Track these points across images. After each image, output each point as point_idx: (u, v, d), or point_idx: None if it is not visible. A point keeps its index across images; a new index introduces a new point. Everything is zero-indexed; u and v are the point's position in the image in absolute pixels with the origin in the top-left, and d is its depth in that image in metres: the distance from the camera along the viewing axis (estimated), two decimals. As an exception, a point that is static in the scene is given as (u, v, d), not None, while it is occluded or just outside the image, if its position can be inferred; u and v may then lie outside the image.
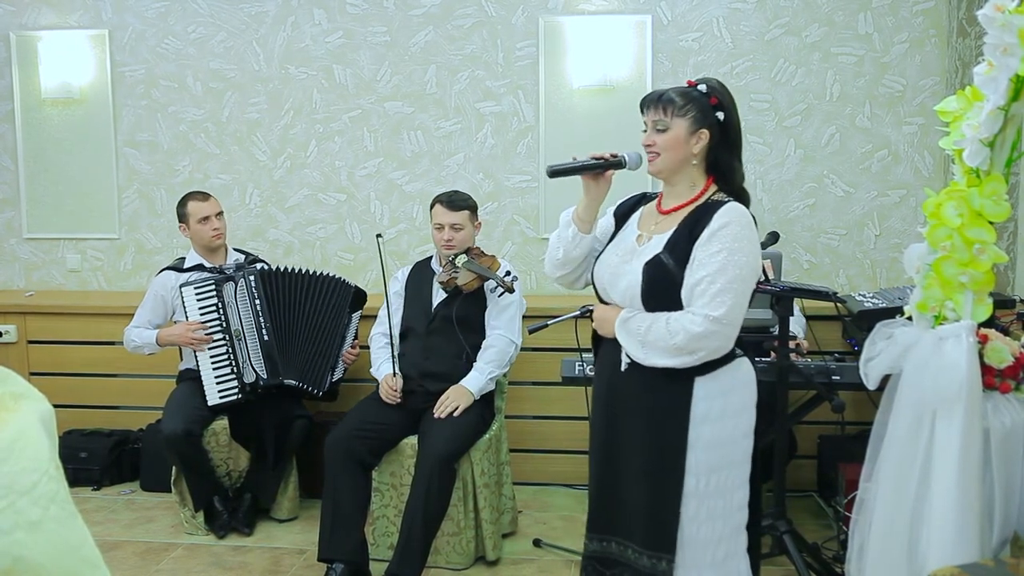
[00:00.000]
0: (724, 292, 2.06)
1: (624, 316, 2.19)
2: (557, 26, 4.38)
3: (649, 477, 2.19)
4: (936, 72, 4.22)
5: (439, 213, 3.53)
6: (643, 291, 2.16)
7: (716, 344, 2.10)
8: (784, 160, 4.33)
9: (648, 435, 2.19)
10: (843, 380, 3.10)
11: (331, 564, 3.18)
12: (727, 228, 2.12)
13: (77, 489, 4.17)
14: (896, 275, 4.27)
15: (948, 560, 1.95)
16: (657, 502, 2.18)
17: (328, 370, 3.82)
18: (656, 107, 2.21)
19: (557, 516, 3.90)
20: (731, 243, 2.10)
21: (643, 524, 2.21)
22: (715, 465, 2.16)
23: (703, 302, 2.07)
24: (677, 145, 2.20)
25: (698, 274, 2.10)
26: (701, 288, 2.08)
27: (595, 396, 2.38)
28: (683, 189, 2.25)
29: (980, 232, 2.07)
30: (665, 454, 2.16)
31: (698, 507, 2.16)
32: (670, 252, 2.15)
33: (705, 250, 2.11)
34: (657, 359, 2.12)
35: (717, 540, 2.19)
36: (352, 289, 3.86)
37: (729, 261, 2.08)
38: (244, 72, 4.58)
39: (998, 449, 2.07)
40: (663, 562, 2.16)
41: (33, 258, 4.82)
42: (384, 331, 3.56)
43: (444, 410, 3.32)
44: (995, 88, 2.03)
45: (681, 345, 2.08)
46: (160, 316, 3.88)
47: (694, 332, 2.06)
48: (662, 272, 2.15)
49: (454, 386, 3.38)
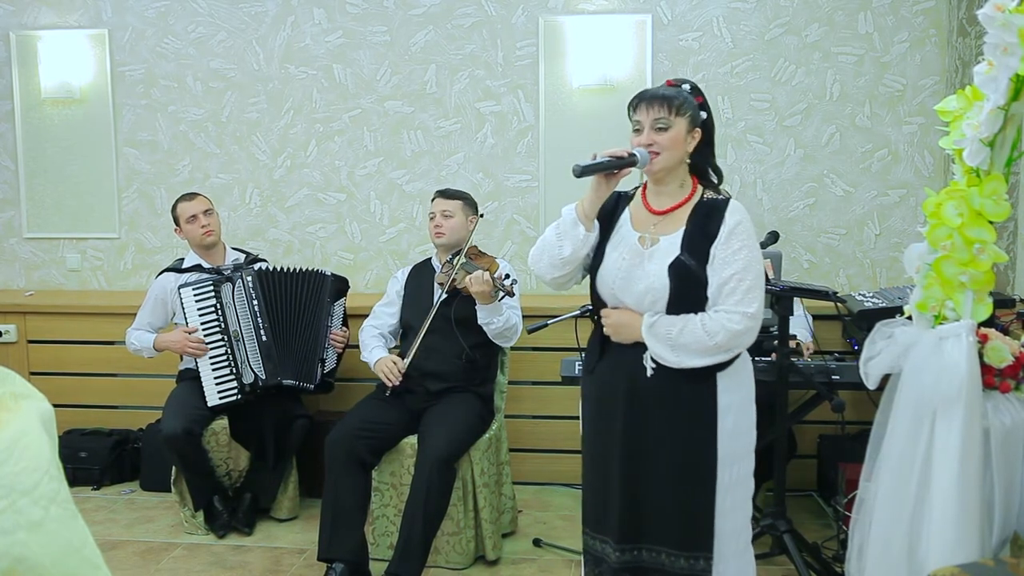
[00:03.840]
0: (753, 288, 2.14)
1: (649, 321, 2.18)
2: (557, 26, 4.38)
3: (684, 476, 2.21)
4: (936, 72, 4.22)
5: (433, 203, 3.56)
6: (671, 293, 2.17)
7: (749, 340, 2.18)
8: (784, 160, 4.33)
9: (682, 434, 2.22)
10: (843, 380, 3.11)
11: (331, 564, 3.18)
12: (742, 225, 2.18)
13: (77, 489, 4.17)
14: (896, 275, 4.27)
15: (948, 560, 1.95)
16: (693, 500, 2.21)
17: (317, 362, 3.82)
18: (659, 105, 2.21)
19: (557, 516, 3.90)
20: (748, 240, 2.17)
21: (678, 526, 2.22)
22: (737, 454, 2.23)
23: (735, 299, 2.12)
24: (677, 144, 2.21)
25: (724, 273, 2.14)
26: (731, 286, 2.13)
27: (600, 401, 2.34)
28: (674, 188, 2.26)
29: (980, 232, 2.07)
30: (700, 450, 2.20)
31: (724, 499, 2.22)
32: (690, 253, 2.18)
33: (726, 248, 2.16)
34: (690, 360, 2.16)
35: (739, 530, 2.26)
36: (329, 278, 3.86)
37: (751, 258, 2.16)
38: (244, 72, 4.58)
39: (998, 449, 2.07)
40: (700, 560, 2.20)
41: (33, 258, 4.82)
42: (375, 324, 3.62)
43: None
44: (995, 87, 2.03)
45: (722, 343, 2.13)
46: (161, 319, 3.89)
47: (735, 330, 2.12)
48: (687, 273, 2.17)
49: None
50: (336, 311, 3.89)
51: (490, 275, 3.24)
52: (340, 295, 3.91)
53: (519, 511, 3.83)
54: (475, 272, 3.26)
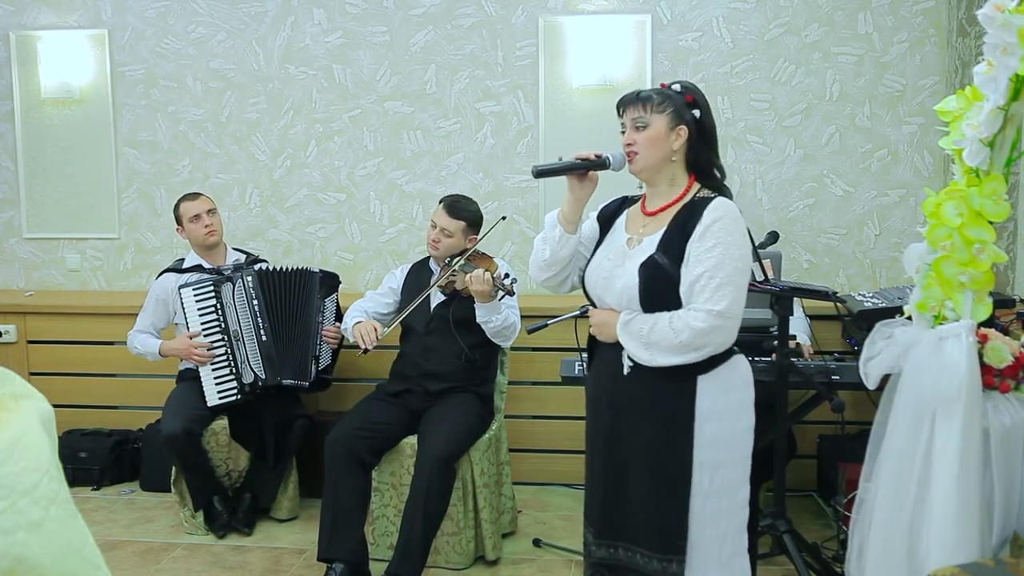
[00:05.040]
0: (724, 286, 2.08)
1: (625, 319, 2.19)
2: (557, 26, 4.38)
3: (657, 478, 2.19)
4: (936, 72, 4.22)
5: (438, 213, 3.55)
6: (641, 292, 2.16)
7: (721, 338, 2.12)
8: (784, 160, 4.33)
9: (655, 435, 2.19)
10: (843, 380, 3.10)
11: (331, 564, 3.18)
12: (719, 223, 2.13)
13: (77, 489, 4.17)
14: (896, 275, 4.27)
15: (948, 560, 1.95)
16: (666, 503, 2.18)
17: (311, 360, 3.81)
18: (635, 105, 2.23)
19: (557, 516, 3.90)
20: (725, 237, 2.12)
21: (652, 528, 2.20)
22: (720, 462, 2.17)
23: (704, 297, 2.08)
24: (657, 142, 2.21)
25: (696, 270, 2.11)
26: (701, 284, 2.09)
27: (592, 400, 2.37)
28: (665, 188, 2.25)
29: (980, 232, 2.07)
30: (673, 453, 2.16)
31: (704, 505, 2.17)
32: (664, 251, 2.16)
33: (700, 246, 2.12)
34: (662, 358, 2.13)
35: (723, 538, 2.20)
36: (317, 275, 3.85)
37: (725, 255, 2.10)
38: (244, 72, 4.58)
39: (998, 449, 2.07)
40: (673, 564, 2.16)
41: (33, 258, 4.82)
42: (364, 305, 3.64)
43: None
44: (995, 88, 2.03)
45: (687, 342, 2.09)
46: (162, 320, 3.89)
47: (699, 328, 2.08)
48: (658, 272, 2.15)
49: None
50: (328, 307, 3.89)
51: (490, 275, 3.25)
52: (331, 291, 3.90)
53: (519, 511, 3.83)
54: (475, 272, 3.27)
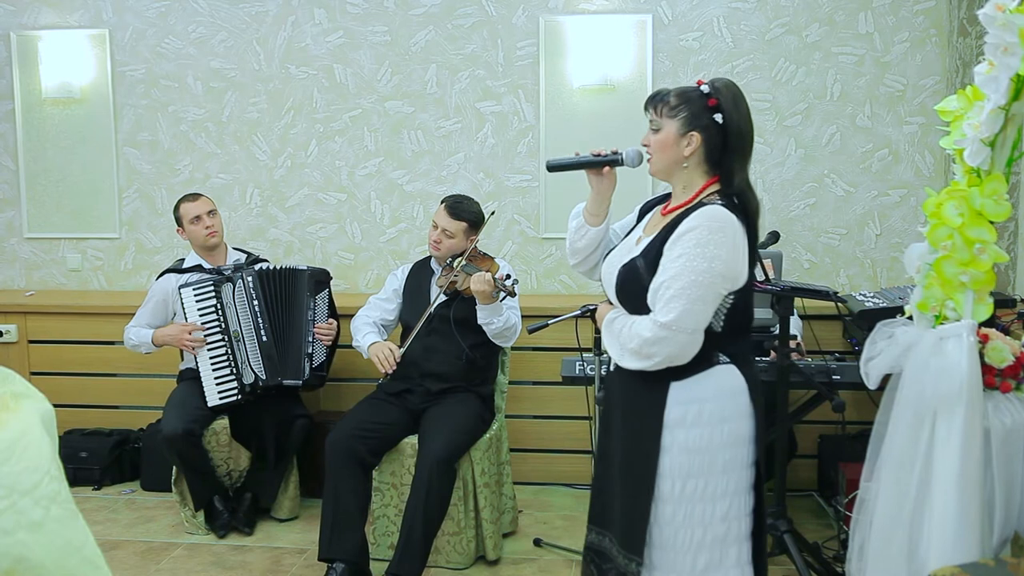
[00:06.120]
0: (676, 298, 2.03)
1: (611, 316, 2.20)
2: (557, 26, 4.38)
3: (625, 476, 2.20)
4: (937, 72, 4.22)
5: (439, 214, 3.54)
6: (617, 292, 2.19)
7: (669, 350, 2.06)
8: (784, 160, 4.33)
9: (628, 435, 2.21)
10: (843, 380, 3.11)
11: (331, 564, 3.18)
12: (692, 232, 2.07)
13: (77, 489, 4.17)
14: (897, 275, 4.27)
15: (948, 560, 1.95)
16: (631, 502, 2.18)
17: (303, 358, 3.80)
18: (651, 107, 2.22)
19: (557, 516, 3.90)
20: (692, 248, 2.06)
21: (622, 523, 2.21)
22: (692, 471, 2.12)
23: (658, 307, 2.06)
24: (666, 147, 2.19)
25: (659, 279, 2.08)
26: (660, 293, 2.07)
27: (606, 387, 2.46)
28: (679, 192, 2.25)
29: (981, 232, 2.06)
30: (640, 455, 2.16)
31: (674, 511, 2.13)
32: (644, 255, 2.15)
33: (668, 254, 2.09)
34: (625, 361, 2.14)
35: (696, 548, 2.13)
36: (305, 272, 3.84)
37: (686, 267, 2.04)
38: (244, 72, 4.58)
39: (998, 449, 2.07)
40: (634, 564, 2.15)
41: (33, 258, 4.82)
42: (369, 314, 3.63)
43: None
44: (996, 87, 2.03)
45: (635, 349, 2.09)
46: (160, 319, 3.88)
47: (644, 337, 2.06)
48: (633, 275, 2.15)
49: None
50: (319, 304, 3.88)
51: (491, 276, 3.25)
52: (321, 287, 3.88)
53: (519, 511, 3.83)
54: (476, 273, 3.28)
